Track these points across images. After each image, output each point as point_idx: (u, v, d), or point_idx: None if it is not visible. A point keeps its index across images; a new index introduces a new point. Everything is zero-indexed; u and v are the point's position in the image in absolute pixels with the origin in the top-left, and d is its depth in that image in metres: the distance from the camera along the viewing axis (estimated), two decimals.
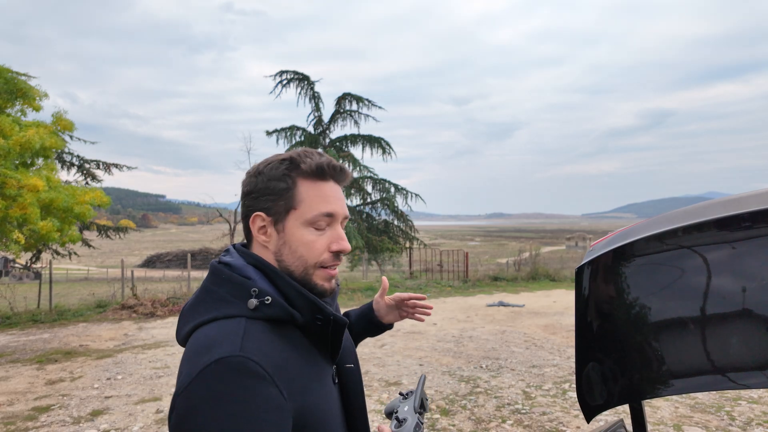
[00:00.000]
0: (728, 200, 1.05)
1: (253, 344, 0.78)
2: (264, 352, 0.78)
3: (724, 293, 1.13)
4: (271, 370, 0.77)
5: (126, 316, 10.80)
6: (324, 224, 0.89)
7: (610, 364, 1.39)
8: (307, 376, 0.84)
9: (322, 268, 0.90)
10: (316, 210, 0.88)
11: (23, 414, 4.84)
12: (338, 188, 0.93)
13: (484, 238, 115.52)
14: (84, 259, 33.70)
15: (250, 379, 0.74)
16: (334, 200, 0.90)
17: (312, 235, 0.88)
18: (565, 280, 17.67)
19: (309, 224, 0.88)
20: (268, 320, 0.84)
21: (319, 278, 0.90)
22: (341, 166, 0.93)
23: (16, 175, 7.22)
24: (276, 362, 0.79)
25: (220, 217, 16.11)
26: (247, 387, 0.73)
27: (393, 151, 22.43)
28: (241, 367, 0.74)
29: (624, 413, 4.24)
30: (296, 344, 0.86)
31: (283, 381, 0.78)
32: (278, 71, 21.73)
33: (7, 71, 8.03)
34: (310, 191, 0.89)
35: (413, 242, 22.93)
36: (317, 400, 0.84)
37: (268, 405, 0.74)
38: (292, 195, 0.88)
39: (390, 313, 1.31)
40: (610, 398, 1.43)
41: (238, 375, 0.74)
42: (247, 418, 0.72)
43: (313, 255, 0.88)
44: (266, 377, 0.76)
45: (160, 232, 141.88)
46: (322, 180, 0.90)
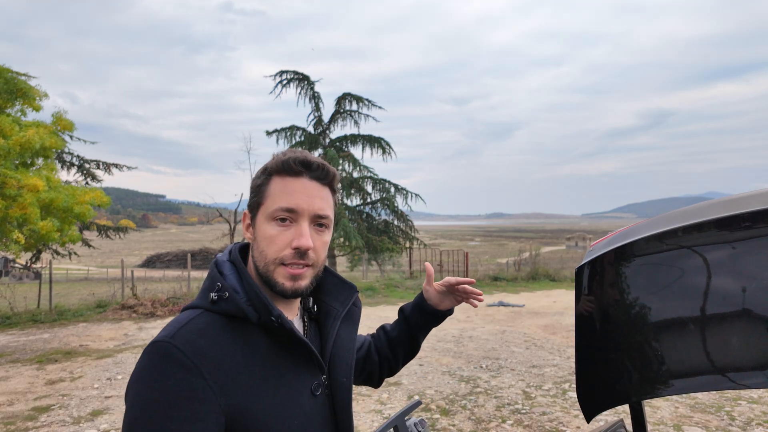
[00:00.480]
0: (728, 200, 1.05)
1: (188, 334, 0.79)
2: (196, 344, 0.78)
3: (724, 293, 1.13)
4: (199, 361, 0.77)
5: (126, 316, 10.80)
6: (287, 220, 0.87)
7: (610, 364, 1.39)
8: (254, 377, 0.82)
9: (282, 266, 0.86)
10: (276, 204, 0.86)
11: (23, 414, 4.84)
12: (313, 185, 0.89)
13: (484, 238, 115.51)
14: (84, 259, 33.70)
15: (171, 365, 0.76)
16: (298, 195, 0.87)
17: (273, 230, 0.86)
18: (565, 280, 17.68)
19: (271, 219, 0.87)
20: (224, 315, 0.84)
21: (280, 276, 0.86)
22: (319, 163, 0.90)
23: (16, 175, 7.22)
24: (210, 355, 0.78)
25: (220, 217, 16.11)
26: (166, 372, 0.75)
27: (393, 151, 22.43)
28: (164, 352, 0.77)
29: (624, 413, 4.24)
30: (251, 344, 0.84)
31: (215, 375, 0.78)
32: (278, 71, 21.74)
33: (7, 71, 8.04)
34: (277, 186, 0.88)
35: (413, 242, 22.93)
36: (264, 404, 0.82)
37: (186, 394, 0.75)
38: (263, 191, 0.89)
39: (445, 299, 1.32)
40: (610, 398, 1.43)
41: (161, 360, 0.76)
42: (163, 400, 0.74)
43: (272, 250, 0.86)
44: (191, 367, 0.76)
45: (160, 232, 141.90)
46: (292, 176, 0.88)
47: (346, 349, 0.99)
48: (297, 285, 0.87)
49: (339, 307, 1.01)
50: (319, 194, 0.90)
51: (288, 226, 0.87)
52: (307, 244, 0.85)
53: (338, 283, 1.04)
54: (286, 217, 0.86)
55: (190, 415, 0.75)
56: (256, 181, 0.91)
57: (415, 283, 16.27)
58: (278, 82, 21.78)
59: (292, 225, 0.87)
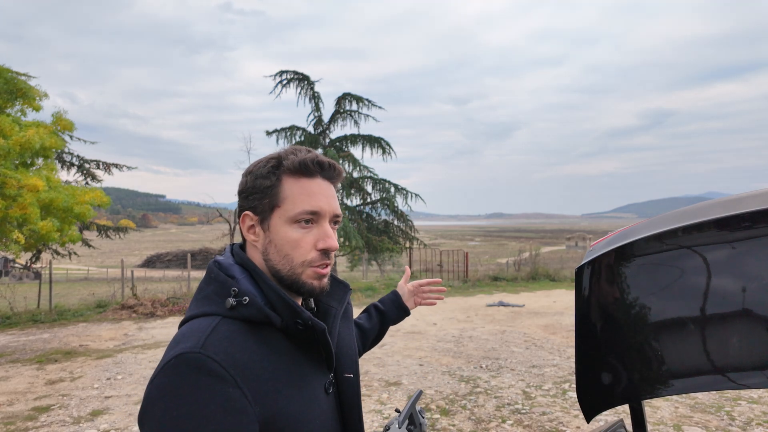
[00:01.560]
0: (728, 200, 1.05)
1: (217, 343, 0.76)
2: (228, 352, 0.76)
3: (724, 293, 1.13)
4: (234, 371, 0.75)
5: (126, 316, 10.80)
6: (310, 222, 0.87)
7: (610, 364, 1.39)
8: (282, 381, 0.81)
9: (310, 267, 0.87)
10: (300, 207, 0.86)
11: (23, 414, 4.84)
12: (327, 185, 0.90)
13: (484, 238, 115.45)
14: (84, 259, 33.70)
15: (207, 377, 0.72)
16: (319, 197, 0.87)
17: (297, 233, 0.86)
18: (565, 280, 17.67)
19: (293, 222, 0.86)
20: (245, 321, 0.82)
21: (309, 277, 0.87)
22: (330, 163, 0.90)
23: (16, 175, 7.22)
24: (242, 363, 0.76)
25: (220, 217, 16.11)
26: (201, 385, 0.72)
27: (393, 151, 22.44)
28: (198, 364, 0.73)
29: (624, 413, 4.24)
30: (274, 348, 0.83)
31: (249, 383, 0.76)
32: (278, 71, 21.74)
33: (7, 71, 8.03)
34: (294, 188, 0.87)
35: (413, 242, 22.93)
36: (293, 407, 0.81)
37: (224, 405, 0.72)
38: (276, 192, 0.87)
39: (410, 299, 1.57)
40: (610, 398, 1.43)
41: (194, 372, 0.72)
42: (199, 415, 0.70)
43: (299, 254, 0.86)
44: (226, 377, 0.73)
45: (160, 232, 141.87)
46: (308, 177, 0.88)
47: (349, 346, 1.01)
48: (323, 284, 0.89)
49: (337, 306, 1.02)
50: (333, 194, 0.91)
51: (310, 228, 0.87)
52: (335, 245, 0.87)
53: (333, 283, 1.05)
54: (310, 219, 0.86)
55: (229, 427, 0.71)
56: (264, 182, 0.88)
57: None
58: (278, 82, 21.79)
59: (313, 227, 0.87)
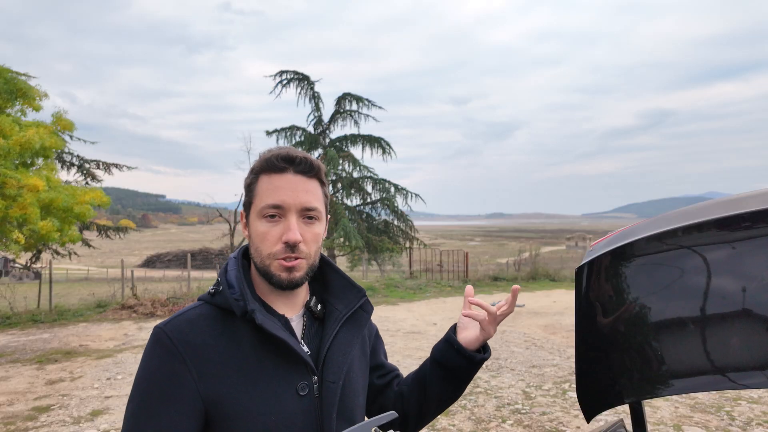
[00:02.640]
0: (728, 200, 1.06)
1: (179, 323, 0.88)
2: (184, 332, 0.86)
3: (724, 293, 1.13)
4: (183, 348, 0.85)
5: (126, 316, 10.80)
6: (275, 216, 0.89)
7: (610, 364, 1.39)
8: (233, 369, 0.86)
9: (276, 260, 0.89)
10: (264, 201, 0.89)
11: (23, 414, 4.84)
12: (298, 179, 0.90)
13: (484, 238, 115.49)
14: (84, 259, 33.71)
15: (159, 349, 0.85)
16: (283, 191, 0.89)
17: (264, 226, 0.89)
18: (565, 280, 17.68)
19: (261, 216, 0.90)
20: (221, 308, 0.90)
21: (276, 269, 0.89)
22: (301, 157, 0.91)
23: (16, 175, 7.22)
24: (194, 344, 0.85)
25: (220, 217, 16.11)
26: (154, 354, 0.86)
27: (393, 151, 22.44)
28: (156, 338, 0.87)
29: (624, 413, 4.24)
30: (237, 337, 0.88)
31: (197, 363, 0.84)
32: (278, 71, 21.76)
33: (7, 71, 8.03)
34: (264, 184, 0.91)
35: (413, 242, 22.93)
36: (241, 396, 0.85)
37: (169, 376, 0.83)
38: (253, 190, 0.92)
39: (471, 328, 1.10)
40: (610, 398, 1.42)
41: (153, 344, 0.87)
42: (150, 379, 0.84)
43: (265, 246, 0.90)
44: (175, 353, 0.84)
45: (160, 232, 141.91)
46: (277, 173, 0.90)
47: (342, 353, 0.97)
48: (292, 276, 0.90)
49: (342, 309, 1.00)
50: (304, 188, 0.91)
51: (277, 222, 0.89)
52: (295, 237, 0.87)
53: (345, 285, 1.04)
54: (275, 213, 0.89)
55: (168, 395, 0.83)
56: (247, 181, 0.94)
57: (415, 283, 16.27)
58: (278, 82, 21.81)
59: (281, 220, 0.90)
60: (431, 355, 1.13)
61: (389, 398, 1.15)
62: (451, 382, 1.10)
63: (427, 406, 1.12)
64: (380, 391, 1.16)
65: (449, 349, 1.08)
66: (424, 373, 1.13)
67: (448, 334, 1.12)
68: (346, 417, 0.95)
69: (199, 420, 0.84)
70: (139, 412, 0.83)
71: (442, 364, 1.09)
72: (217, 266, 18.57)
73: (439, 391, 1.10)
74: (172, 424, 0.82)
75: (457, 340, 1.08)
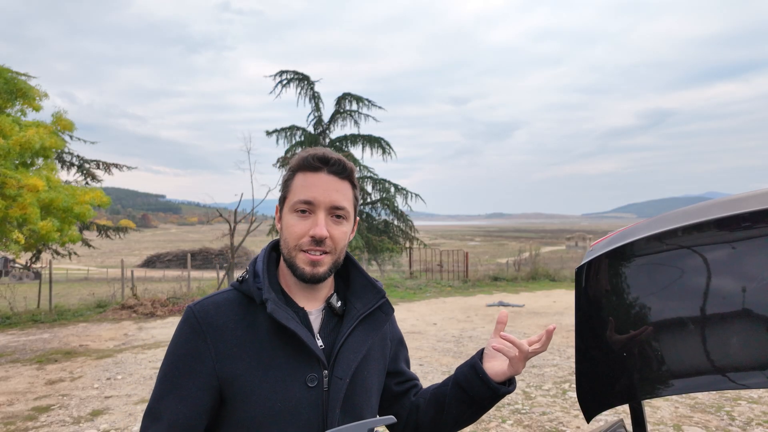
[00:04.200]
0: (728, 200, 1.06)
1: (207, 305, 0.95)
2: (209, 313, 0.94)
3: (724, 293, 1.13)
4: (207, 328, 0.92)
5: (126, 316, 10.80)
6: (306, 211, 0.95)
7: (610, 364, 1.39)
8: (248, 353, 0.92)
9: (302, 252, 0.95)
10: (297, 197, 0.96)
11: (23, 414, 4.84)
12: (331, 179, 0.97)
13: (484, 238, 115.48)
14: (84, 259, 33.70)
15: (187, 326, 0.94)
16: (315, 189, 0.95)
17: (294, 219, 0.96)
18: (565, 280, 17.67)
19: (292, 210, 0.96)
20: (245, 295, 0.97)
21: (301, 261, 0.95)
22: (336, 158, 0.97)
23: (16, 175, 7.22)
24: (217, 325, 0.93)
25: (220, 217, 16.09)
26: (182, 331, 0.94)
27: (393, 151, 22.43)
28: (186, 316, 0.95)
29: (624, 413, 4.24)
30: (256, 324, 0.94)
31: (217, 343, 0.92)
32: (278, 71, 21.74)
33: (7, 71, 8.03)
34: (299, 181, 0.97)
35: (413, 242, 22.92)
36: (252, 379, 0.91)
37: (191, 351, 0.92)
38: (288, 186, 0.99)
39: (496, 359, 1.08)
40: (610, 398, 1.42)
41: (183, 321, 0.95)
42: (176, 353, 0.94)
43: (292, 238, 0.95)
44: (199, 330, 0.92)
45: (160, 232, 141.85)
46: (312, 171, 0.97)
47: (354, 351, 0.99)
48: (315, 270, 0.95)
49: (360, 308, 1.03)
50: (336, 187, 0.97)
51: (307, 217, 0.95)
52: (321, 232, 0.93)
53: (366, 285, 1.07)
54: (305, 209, 0.95)
55: (189, 369, 0.91)
56: (284, 177, 1.01)
57: (415, 283, 16.27)
58: (278, 82, 21.79)
59: (310, 216, 0.95)
60: (455, 376, 1.10)
61: (404, 407, 1.14)
62: (470, 407, 1.07)
63: (442, 425, 1.10)
64: (396, 397, 1.15)
65: (474, 377, 1.05)
66: (444, 393, 1.10)
67: (474, 360, 1.09)
68: (353, 414, 0.97)
69: (215, 396, 0.92)
70: (165, 381, 0.92)
71: (464, 389, 1.06)
72: (217, 266, 18.55)
73: (457, 413, 1.08)
74: (191, 395, 0.90)
75: (483, 369, 1.05)
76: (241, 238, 15.03)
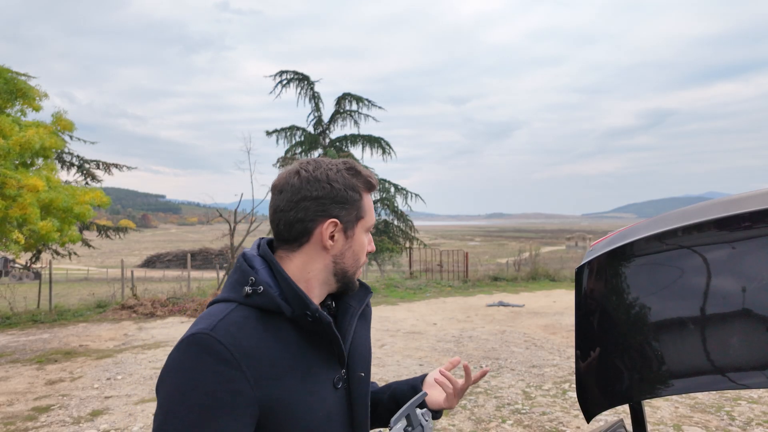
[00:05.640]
0: (728, 200, 1.06)
1: (227, 327, 0.82)
2: (235, 337, 0.81)
3: (724, 293, 1.13)
4: (238, 354, 0.80)
5: (126, 316, 10.80)
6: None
7: (609, 364, 1.39)
8: (284, 370, 0.85)
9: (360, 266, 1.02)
10: (372, 219, 1.01)
11: (23, 414, 4.84)
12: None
13: (484, 238, 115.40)
14: (84, 259, 33.70)
15: (212, 357, 0.78)
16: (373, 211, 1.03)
17: (366, 239, 1.01)
18: (565, 280, 17.67)
19: (367, 231, 1.01)
20: (259, 309, 0.87)
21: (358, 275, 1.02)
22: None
23: (16, 175, 7.22)
24: (247, 349, 0.82)
25: (220, 217, 16.07)
26: (204, 363, 0.78)
27: (393, 151, 22.44)
28: (206, 344, 0.79)
29: (624, 413, 4.24)
30: (282, 338, 0.88)
31: (252, 368, 0.81)
32: (278, 71, 21.76)
33: (7, 71, 8.03)
34: (368, 202, 0.99)
35: (413, 242, 22.93)
36: (294, 396, 0.86)
37: (224, 385, 0.78)
38: (361, 206, 0.97)
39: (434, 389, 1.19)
40: (610, 398, 1.42)
41: (202, 351, 0.79)
42: (201, 391, 0.77)
43: (363, 256, 1.01)
44: (230, 359, 0.79)
45: (159, 232, 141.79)
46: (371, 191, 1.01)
47: (363, 346, 1.04)
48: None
49: (356, 305, 1.05)
50: None
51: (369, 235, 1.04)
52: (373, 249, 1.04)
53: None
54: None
55: (227, 405, 0.78)
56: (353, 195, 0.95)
57: (415, 283, 16.27)
58: (278, 82, 21.80)
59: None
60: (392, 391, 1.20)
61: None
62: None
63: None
64: None
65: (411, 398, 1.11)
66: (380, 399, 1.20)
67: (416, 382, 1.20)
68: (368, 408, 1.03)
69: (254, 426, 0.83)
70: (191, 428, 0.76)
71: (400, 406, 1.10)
72: (217, 266, 18.52)
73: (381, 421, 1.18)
74: None
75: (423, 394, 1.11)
76: (241, 238, 15.02)
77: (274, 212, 0.94)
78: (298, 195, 0.92)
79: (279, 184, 0.95)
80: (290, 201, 0.92)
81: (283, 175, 0.96)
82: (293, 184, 0.93)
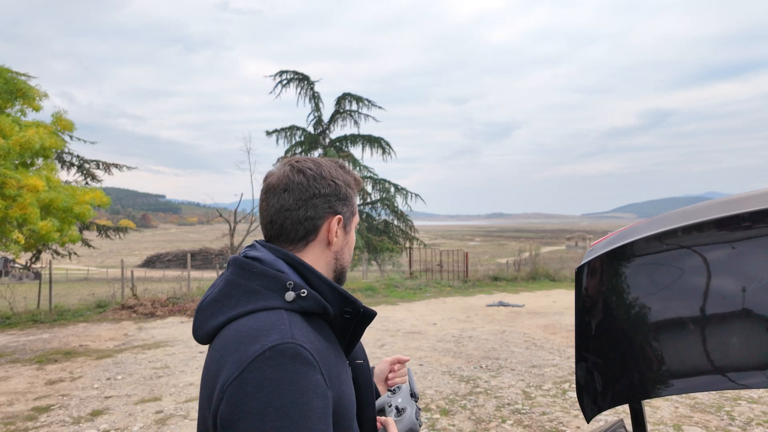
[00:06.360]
0: (728, 200, 1.06)
1: (301, 333, 0.80)
2: (311, 341, 0.81)
3: (724, 293, 1.13)
4: (318, 357, 0.79)
5: (126, 316, 10.80)
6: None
7: (610, 364, 1.39)
8: (339, 367, 0.87)
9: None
10: (358, 218, 1.06)
11: (23, 414, 4.84)
12: None
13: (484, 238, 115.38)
14: (84, 259, 33.69)
15: (302, 365, 0.76)
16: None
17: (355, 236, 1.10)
18: (565, 280, 17.67)
19: (355, 228, 1.05)
20: (302, 313, 0.86)
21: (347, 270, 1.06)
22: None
23: (16, 175, 7.22)
24: (320, 351, 0.82)
25: (220, 217, 16.07)
26: (299, 373, 0.75)
27: (393, 151, 22.45)
28: (294, 353, 0.76)
29: (624, 413, 4.24)
30: (327, 336, 0.89)
31: (326, 369, 0.81)
32: (278, 71, 21.77)
33: (7, 71, 8.03)
34: (355, 201, 1.04)
35: (413, 242, 22.93)
36: (347, 390, 0.89)
37: (317, 392, 0.76)
38: (354, 202, 1.03)
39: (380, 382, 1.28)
40: (610, 398, 1.42)
41: (291, 361, 0.75)
42: (302, 402, 0.73)
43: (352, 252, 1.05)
44: (315, 364, 0.78)
45: (159, 232, 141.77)
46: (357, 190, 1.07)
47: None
48: None
49: None
50: None
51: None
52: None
53: None
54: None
55: (322, 412, 0.76)
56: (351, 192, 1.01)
57: (415, 283, 16.27)
58: (278, 82, 21.81)
59: None
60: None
61: None
62: None
63: None
64: None
65: None
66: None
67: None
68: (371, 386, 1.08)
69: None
70: None
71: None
72: (217, 266, 18.51)
73: None
74: None
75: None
76: (241, 238, 15.02)
77: (278, 211, 0.92)
78: (307, 193, 0.92)
79: (281, 183, 0.93)
80: (299, 199, 0.91)
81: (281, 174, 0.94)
82: (300, 182, 0.92)
